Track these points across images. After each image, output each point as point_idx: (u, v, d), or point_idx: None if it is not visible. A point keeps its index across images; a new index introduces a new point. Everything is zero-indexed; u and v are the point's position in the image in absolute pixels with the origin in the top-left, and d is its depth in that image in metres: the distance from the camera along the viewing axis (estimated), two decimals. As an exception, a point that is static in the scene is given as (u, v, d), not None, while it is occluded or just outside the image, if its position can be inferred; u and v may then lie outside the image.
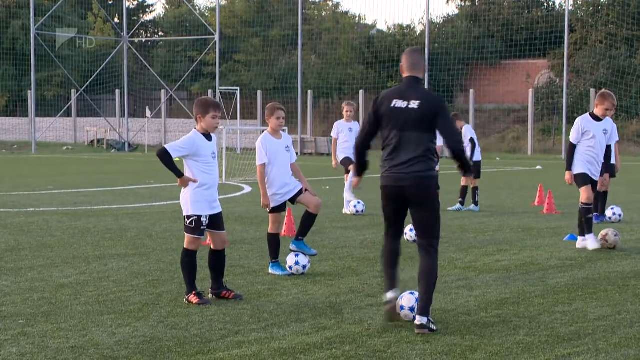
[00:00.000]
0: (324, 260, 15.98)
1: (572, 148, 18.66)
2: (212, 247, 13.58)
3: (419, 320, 10.97)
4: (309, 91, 71.94)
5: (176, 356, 9.86)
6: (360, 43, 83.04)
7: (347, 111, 26.07)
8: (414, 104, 10.96)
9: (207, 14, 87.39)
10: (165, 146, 13.21)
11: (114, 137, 76.78)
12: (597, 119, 18.96)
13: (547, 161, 60.85)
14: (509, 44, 79.20)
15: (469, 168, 12.16)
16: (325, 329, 11.27)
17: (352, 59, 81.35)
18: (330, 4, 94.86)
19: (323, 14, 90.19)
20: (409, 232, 17.14)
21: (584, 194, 18.94)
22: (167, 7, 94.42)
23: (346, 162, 25.40)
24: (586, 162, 19.05)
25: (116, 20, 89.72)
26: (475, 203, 26.94)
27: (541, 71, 75.67)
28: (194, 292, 13.00)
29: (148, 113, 75.81)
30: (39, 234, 20.50)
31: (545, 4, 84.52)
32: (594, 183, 19.22)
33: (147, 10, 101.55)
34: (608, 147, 19.76)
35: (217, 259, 13.53)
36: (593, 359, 9.90)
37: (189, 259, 13.16)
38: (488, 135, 70.39)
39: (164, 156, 12.96)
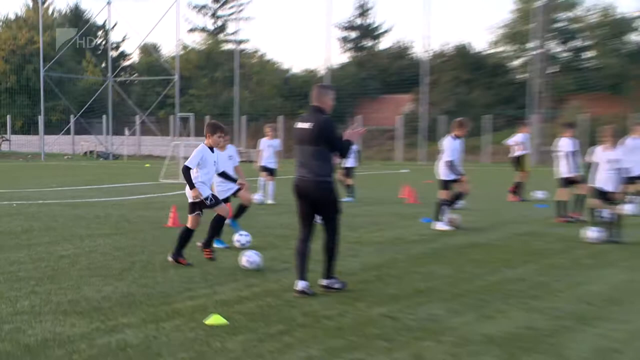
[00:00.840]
0: (253, 236, 15.92)
1: (451, 163, 18.77)
2: (189, 226, 13.49)
3: (322, 282, 11.14)
4: (243, 116, 71.91)
5: (146, 307, 9.89)
6: (280, 82, 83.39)
7: (268, 131, 26.19)
8: (309, 125, 10.91)
9: (169, 61, 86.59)
10: (185, 163, 13.38)
11: (102, 149, 76.05)
12: (457, 138, 19.22)
13: (411, 166, 61.18)
14: (385, 83, 79.82)
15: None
16: (253, 286, 11.36)
17: (274, 94, 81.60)
18: (259, 53, 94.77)
19: (253, 61, 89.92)
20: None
21: (448, 194, 19.20)
22: (141, 55, 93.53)
23: (263, 168, 25.90)
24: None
25: (103, 65, 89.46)
26: (352, 196, 27.31)
27: (407, 103, 76.36)
28: (181, 258, 13.24)
29: (126, 132, 75.24)
30: (46, 219, 20.17)
31: (410, 55, 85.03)
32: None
33: (126, 57, 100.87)
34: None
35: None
36: (442, 304, 10.10)
37: (189, 233, 13.49)
38: (370, 148, 70.73)
39: (186, 172, 13.27)
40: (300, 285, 10.90)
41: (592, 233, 16.46)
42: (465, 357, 7.91)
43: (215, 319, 9.19)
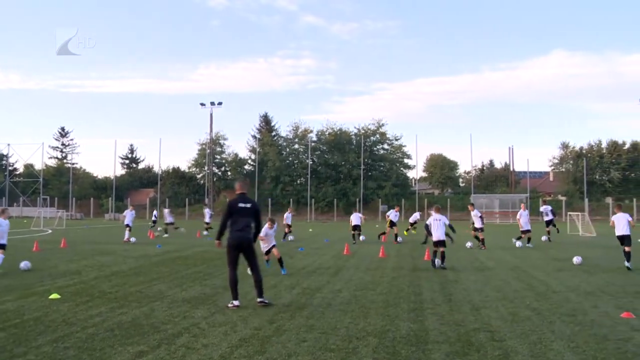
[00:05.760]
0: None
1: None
2: None
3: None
4: (74, 198, 62.96)
5: (18, 290, 8.20)
6: (91, 181, 71.93)
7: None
8: (250, 205, 7.50)
9: (37, 171, 72.95)
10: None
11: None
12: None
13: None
14: (142, 184, 72.72)
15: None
16: (74, 279, 9.79)
17: (89, 187, 69.51)
18: (82, 167, 80.00)
19: (79, 172, 75.97)
20: None
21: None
22: (24, 168, 75.29)
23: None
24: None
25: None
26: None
27: (152, 193, 68.78)
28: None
29: (15, 205, 62.11)
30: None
31: (150, 173, 71.47)
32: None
33: (15, 170, 78.52)
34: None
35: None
36: (166, 284, 9.41)
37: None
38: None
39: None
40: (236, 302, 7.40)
41: None
42: (175, 308, 7.43)
43: (54, 296, 8.13)
